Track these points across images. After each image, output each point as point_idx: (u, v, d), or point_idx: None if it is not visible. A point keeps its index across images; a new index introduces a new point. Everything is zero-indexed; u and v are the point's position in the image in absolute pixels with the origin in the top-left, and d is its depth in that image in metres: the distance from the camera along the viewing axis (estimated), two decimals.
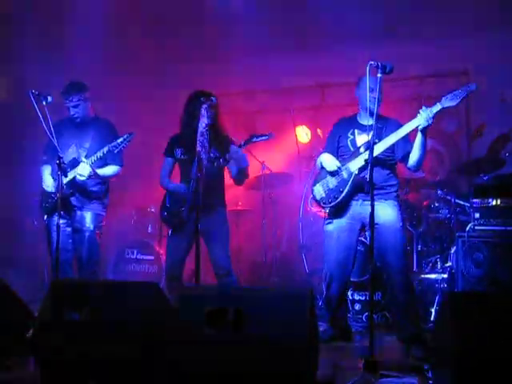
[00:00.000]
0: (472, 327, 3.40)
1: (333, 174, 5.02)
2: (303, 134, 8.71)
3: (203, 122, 4.86)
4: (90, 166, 5.38)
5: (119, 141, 5.33)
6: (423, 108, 4.59)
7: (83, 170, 5.37)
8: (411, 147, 4.85)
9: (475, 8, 7.12)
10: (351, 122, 5.19)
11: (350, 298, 6.29)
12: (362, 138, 5.02)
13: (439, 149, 7.95)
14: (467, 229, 5.89)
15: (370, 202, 4.72)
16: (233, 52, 8.21)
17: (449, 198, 6.30)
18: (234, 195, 7.11)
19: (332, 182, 5.05)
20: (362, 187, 4.83)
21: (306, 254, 7.50)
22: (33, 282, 6.57)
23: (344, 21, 7.49)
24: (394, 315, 5.20)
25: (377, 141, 4.71)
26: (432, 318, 5.70)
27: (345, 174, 4.97)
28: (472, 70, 7.56)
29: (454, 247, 6.02)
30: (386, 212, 4.91)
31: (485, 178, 6.44)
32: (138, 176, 5.96)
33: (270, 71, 8.24)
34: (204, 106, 4.90)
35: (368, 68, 4.26)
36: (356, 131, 5.09)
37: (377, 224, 4.80)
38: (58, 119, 5.78)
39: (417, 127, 4.67)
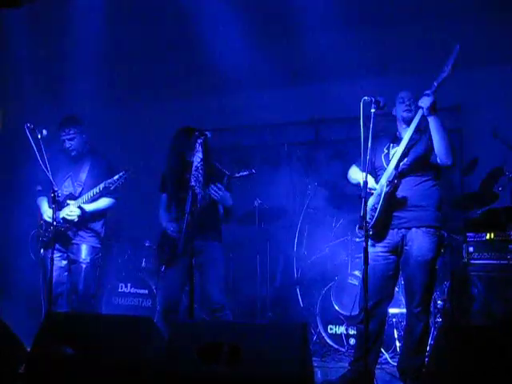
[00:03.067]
0: (468, 361, 3.39)
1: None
2: None
3: (198, 157, 4.89)
4: (79, 208, 5.45)
5: (115, 178, 5.39)
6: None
7: (71, 213, 5.43)
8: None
9: (468, 44, 7.19)
10: (389, 137, 5.05)
11: (345, 332, 6.27)
12: (395, 151, 4.88)
13: None
14: (461, 263, 5.90)
15: (403, 230, 4.76)
16: (228, 87, 8.27)
17: (442, 232, 6.30)
18: (228, 229, 7.10)
19: (370, 201, 4.80)
20: (396, 202, 4.72)
21: (301, 288, 7.48)
22: (31, 315, 6.51)
23: (338, 57, 7.57)
24: (404, 345, 5.00)
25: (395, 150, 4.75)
26: (427, 353, 5.66)
27: (378, 189, 4.79)
28: (464, 106, 7.62)
29: (449, 281, 6.01)
30: (417, 240, 4.71)
31: (478, 213, 6.46)
32: (132, 209, 5.96)
33: (264, 106, 8.28)
34: (199, 140, 4.94)
35: (362, 103, 4.30)
36: (391, 145, 4.95)
37: (405, 252, 4.77)
38: (55, 151, 5.83)
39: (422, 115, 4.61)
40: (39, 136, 5.08)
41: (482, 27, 7.05)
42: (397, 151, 4.73)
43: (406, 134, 4.71)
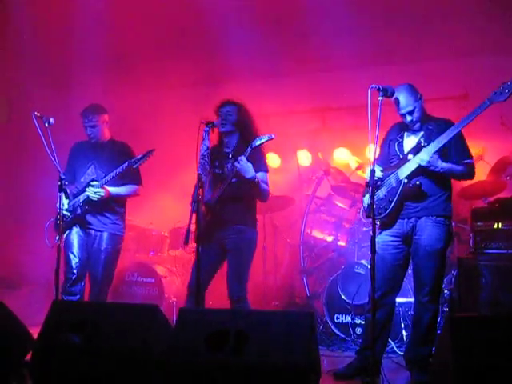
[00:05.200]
0: (473, 351, 3.38)
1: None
2: (304, 157, 8.72)
3: (204, 145, 4.88)
4: (100, 187, 5.43)
5: (139, 157, 5.38)
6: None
7: (95, 193, 5.42)
8: (465, 151, 4.73)
9: (475, 32, 7.16)
10: (403, 125, 4.97)
11: (351, 321, 6.27)
12: (409, 141, 4.86)
13: None
14: (468, 252, 5.88)
15: (413, 219, 4.74)
16: (234, 76, 8.25)
17: (452, 222, 6.28)
18: None
19: (382, 191, 4.83)
20: (412, 196, 4.70)
21: (307, 277, 7.49)
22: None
23: (343, 46, 7.54)
24: (411, 334, 4.98)
25: (426, 144, 4.62)
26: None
27: (394, 182, 4.76)
28: (472, 94, 7.57)
29: (456, 270, 6.00)
30: (427, 230, 4.71)
31: (486, 202, 6.44)
32: (138, 198, 5.96)
33: (270, 95, 8.26)
34: (205, 129, 4.93)
35: (369, 91, 4.26)
36: (405, 134, 4.92)
37: (415, 242, 4.76)
38: (76, 142, 5.92)
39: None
40: (46, 124, 5.07)
41: (490, 16, 6.99)
42: (417, 158, 4.64)
43: (435, 144, 4.60)
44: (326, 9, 7.02)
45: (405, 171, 4.70)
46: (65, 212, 5.50)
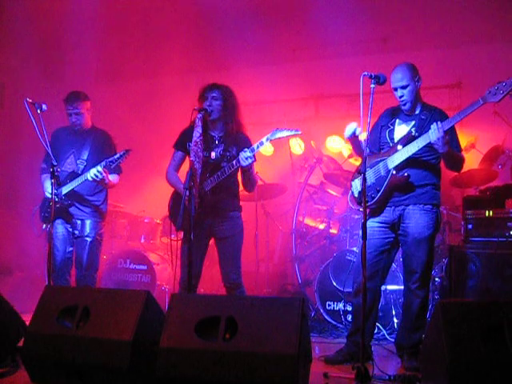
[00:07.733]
0: (464, 336, 3.41)
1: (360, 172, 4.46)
2: (297, 145, 8.72)
3: (197, 132, 4.85)
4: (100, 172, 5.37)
5: (116, 157, 5.34)
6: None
7: (93, 174, 5.36)
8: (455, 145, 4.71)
9: (469, 21, 7.17)
10: (395, 112, 4.95)
11: (343, 308, 6.30)
12: (401, 129, 4.83)
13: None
14: (460, 240, 5.91)
15: (401, 207, 4.74)
16: (226, 65, 8.23)
17: (441, 209, 6.31)
18: None
19: (370, 177, 4.80)
20: (399, 186, 4.70)
21: (299, 265, 7.51)
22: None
23: (337, 33, 7.53)
24: (401, 321, 5.00)
25: (416, 134, 4.62)
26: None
27: (382, 171, 4.76)
28: (465, 83, 7.59)
29: (447, 258, 6.03)
30: (414, 217, 4.72)
31: (477, 190, 6.46)
32: (131, 186, 5.95)
33: (263, 83, 8.25)
34: (198, 115, 4.91)
35: (362, 79, 4.25)
36: (397, 121, 4.89)
37: (403, 230, 4.78)
38: (58, 128, 5.86)
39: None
40: (38, 111, 5.04)
41: (483, 6, 7.00)
42: (406, 149, 4.64)
43: (414, 147, 4.61)
44: None
45: (395, 161, 4.70)
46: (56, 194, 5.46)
